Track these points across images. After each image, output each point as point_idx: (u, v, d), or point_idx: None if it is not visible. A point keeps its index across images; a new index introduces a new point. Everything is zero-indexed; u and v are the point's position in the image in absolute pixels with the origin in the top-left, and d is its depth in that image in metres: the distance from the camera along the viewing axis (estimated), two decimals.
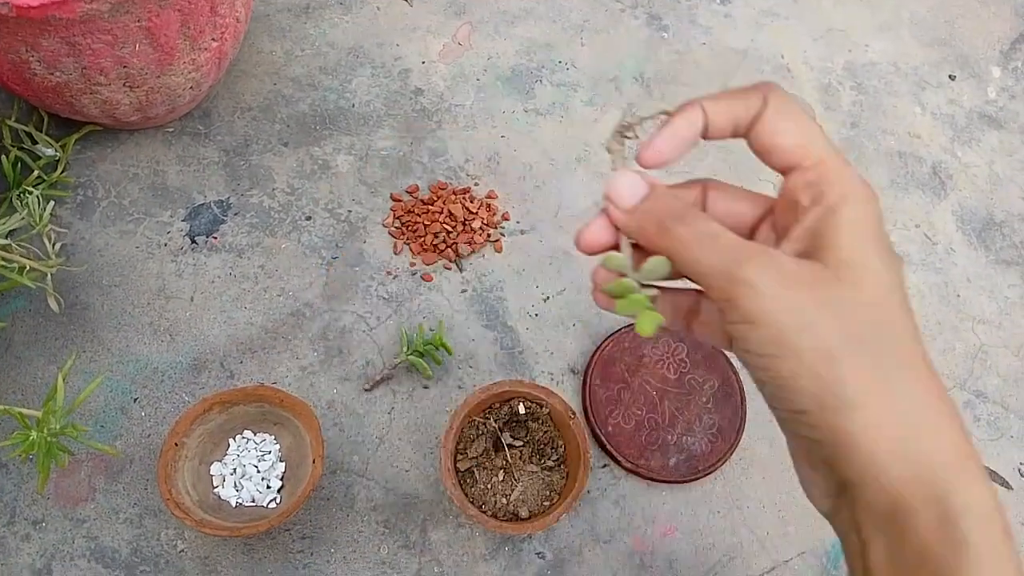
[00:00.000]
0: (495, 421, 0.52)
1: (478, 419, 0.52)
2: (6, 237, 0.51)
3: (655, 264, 0.31)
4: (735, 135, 0.33)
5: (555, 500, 0.51)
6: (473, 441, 0.52)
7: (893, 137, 0.75)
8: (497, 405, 0.53)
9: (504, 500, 0.50)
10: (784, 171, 0.32)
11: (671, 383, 0.59)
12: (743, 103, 0.32)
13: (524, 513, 0.50)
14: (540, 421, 0.53)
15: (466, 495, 0.50)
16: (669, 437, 0.57)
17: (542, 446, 0.53)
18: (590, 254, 0.35)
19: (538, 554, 0.53)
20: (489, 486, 0.51)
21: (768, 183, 0.71)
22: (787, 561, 0.55)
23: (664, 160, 0.34)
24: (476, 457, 0.52)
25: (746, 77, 0.77)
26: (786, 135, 0.32)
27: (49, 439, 0.43)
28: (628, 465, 0.56)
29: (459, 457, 0.51)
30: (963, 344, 0.65)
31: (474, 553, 0.53)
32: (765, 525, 0.56)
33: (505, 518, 0.50)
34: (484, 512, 0.49)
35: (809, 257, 0.30)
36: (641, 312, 0.32)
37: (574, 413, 0.51)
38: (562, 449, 0.53)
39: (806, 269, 0.29)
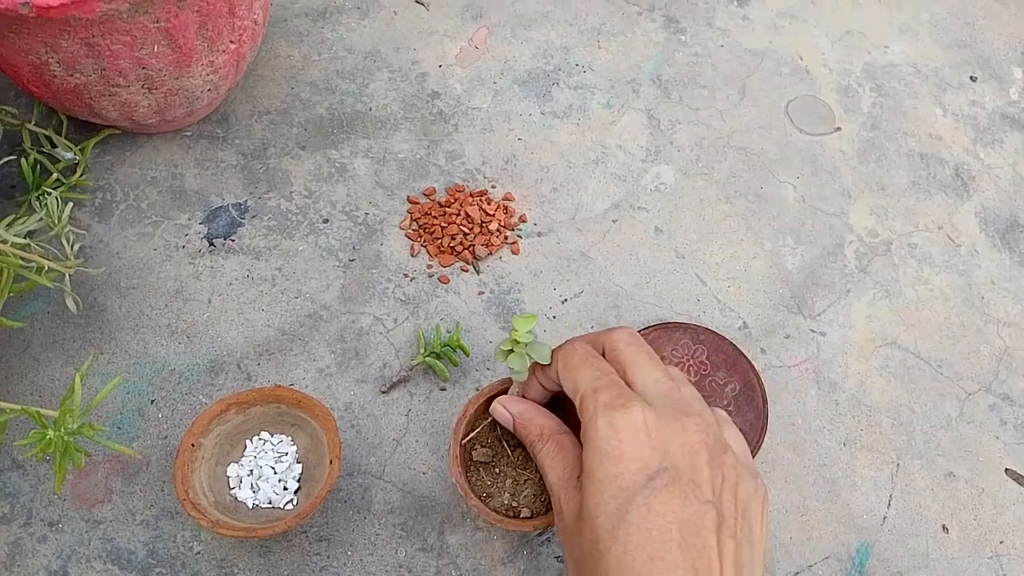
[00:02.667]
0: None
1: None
2: (25, 237, 0.51)
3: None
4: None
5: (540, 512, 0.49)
6: (489, 434, 0.51)
7: (914, 139, 0.75)
8: None
9: (508, 497, 0.49)
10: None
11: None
12: (548, 372, 0.45)
13: (526, 513, 0.49)
14: None
15: (470, 484, 0.49)
16: None
17: None
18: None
19: (557, 558, 0.52)
20: (496, 481, 0.50)
21: (787, 184, 0.70)
22: (811, 566, 0.54)
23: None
24: (488, 449, 0.51)
25: (764, 79, 0.76)
26: (566, 387, 0.43)
27: (66, 438, 0.43)
28: None
29: (474, 447, 0.50)
30: (988, 347, 0.64)
31: (492, 556, 0.52)
32: (788, 530, 0.55)
33: (508, 515, 0.49)
34: (487, 505, 0.48)
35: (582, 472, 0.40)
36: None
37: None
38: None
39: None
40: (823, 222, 0.68)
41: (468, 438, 0.50)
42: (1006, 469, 0.59)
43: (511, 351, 0.44)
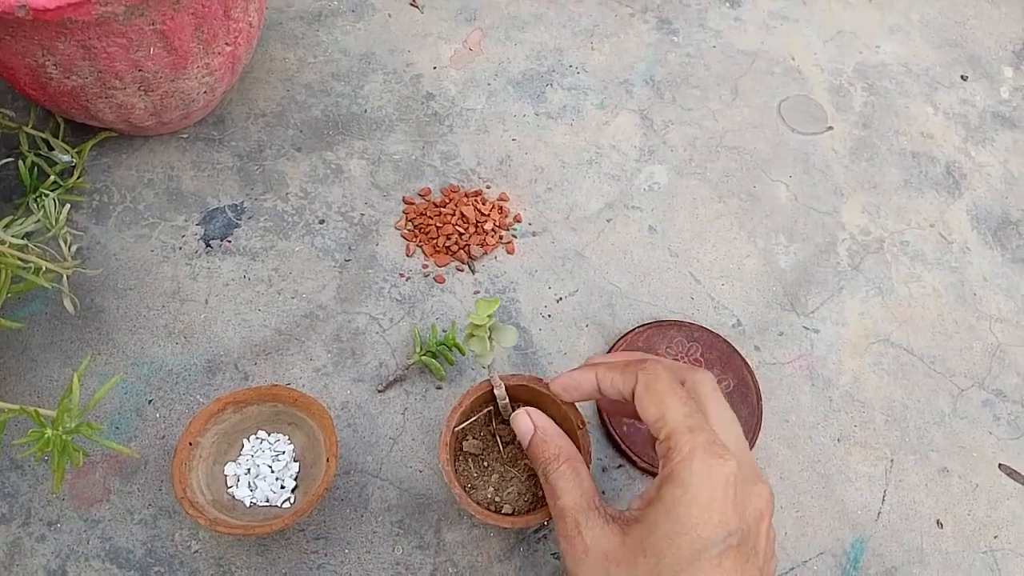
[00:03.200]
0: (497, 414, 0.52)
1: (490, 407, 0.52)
2: (23, 239, 0.51)
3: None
4: (625, 401, 0.43)
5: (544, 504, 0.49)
6: (483, 427, 0.51)
7: (906, 138, 0.75)
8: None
9: (492, 491, 0.49)
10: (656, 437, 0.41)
11: None
12: (621, 379, 0.43)
13: (507, 510, 0.49)
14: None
15: (457, 473, 0.49)
16: None
17: None
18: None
19: (553, 555, 0.53)
20: (482, 474, 0.50)
21: (780, 183, 0.71)
22: (806, 562, 0.54)
23: (564, 397, 0.47)
24: (479, 442, 0.51)
25: (756, 79, 0.77)
26: (647, 412, 0.41)
27: (64, 437, 0.43)
28: (644, 465, 0.56)
29: (466, 437, 0.51)
30: (981, 343, 0.64)
31: (489, 553, 0.52)
32: (783, 526, 0.55)
33: (489, 509, 0.49)
34: (470, 496, 0.48)
35: (652, 504, 0.39)
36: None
37: (583, 424, 0.50)
38: None
39: (612, 539, 0.40)
40: (816, 220, 0.69)
41: (461, 427, 0.50)
42: (999, 464, 0.59)
43: (473, 335, 0.44)
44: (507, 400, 0.49)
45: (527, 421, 0.46)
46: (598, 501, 0.42)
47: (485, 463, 0.50)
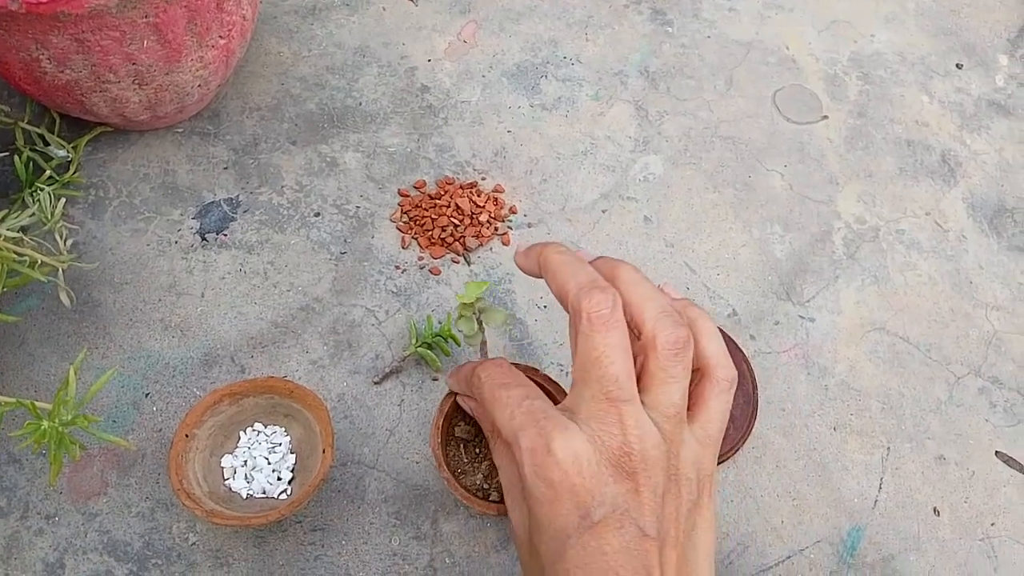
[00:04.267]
0: None
1: None
2: (18, 232, 0.51)
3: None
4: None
5: None
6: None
7: (901, 126, 0.75)
8: None
9: (482, 478, 0.49)
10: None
11: None
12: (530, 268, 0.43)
13: (495, 497, 0.49)
14: None
15: (447, 457, 0.49)
16: None
17: None
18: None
19: None
20: (472, 460, 0.50)
21: (775, 173, 0.71)
22: (803, 550, 0.54)
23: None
24: (472, 428, 0.51)
25: (751, 69, 0.77)
26: (552, 287, 0.40)
27: (60, 429, 0.43)
28: None
29: (458, 423, 0.51)
30: (977, 331, 0.64)
31: (486, 544, 0.52)
32: (780, 514, 0.55)
33: (477, 495, 0.49)
34: (459, 481, 0.48)
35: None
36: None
37: None
38: None
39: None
40: (811, 209, 0.69)
41: (455, 412, 0.50)
42: (996, 452, 0.59)
43: (462, 315, 0.44)
44: None
45: (453, 384, 0.45)
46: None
47: (476, 450, 0.50)
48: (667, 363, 0.36)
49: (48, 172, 0.60)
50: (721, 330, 0.60)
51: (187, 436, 0.50)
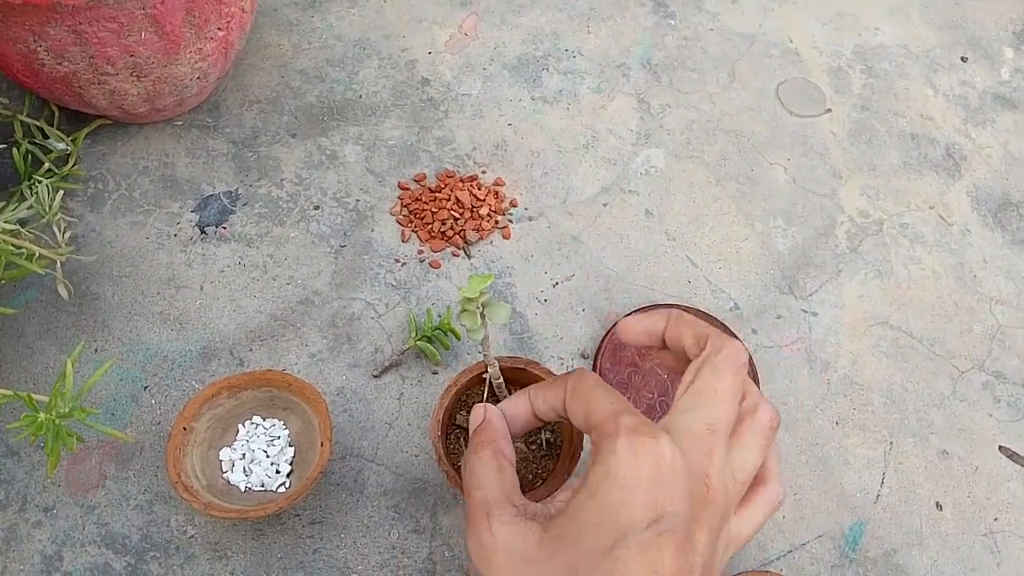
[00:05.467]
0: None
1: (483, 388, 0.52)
2: (16, 225, 0.51)
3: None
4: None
5: (537, 485, 0.49)
6: (477, 402, 0.51)
7: (905, 119, 0.74)
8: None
9: None
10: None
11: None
12: (551, 393, 0.40)
13: None
14: None
15: (447, 450, 0.49)
16: None
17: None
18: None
19: None
20: None
21: (778, 166, 0.70)
22: (804, 544, 0.54)
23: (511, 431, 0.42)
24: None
25: (754, 62, 0.76)
26: (575, 415, 0.38)
27: (57, 421, 0.43)
28: None
29: (459, 411, 0.50)
30: (981, 325, 0.64)
31: None
32: (782, 509, 0.55)
33: None
34: (458, 474, 0.48)
35: (576, 493, 0.35)
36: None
37: None
38: (560, 438, 0.51)
39: (527, 537, 0.35)
40: (814, 203, 0.68)
41: (456, 402, 0.50)
42: (1000, 446, 0.59)
43: (465, 309, 0.43)
44: (501, 379, 0.49)
45: (479, 412, 0.42)
46: (517, 499, 0.37)
47: None
48: (760, 432, 0.37)
49: (47, 165, 0.60)
50: (723, 325, 0.60)
51: (185, 429, 0.49)
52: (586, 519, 0.34)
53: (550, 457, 0.51)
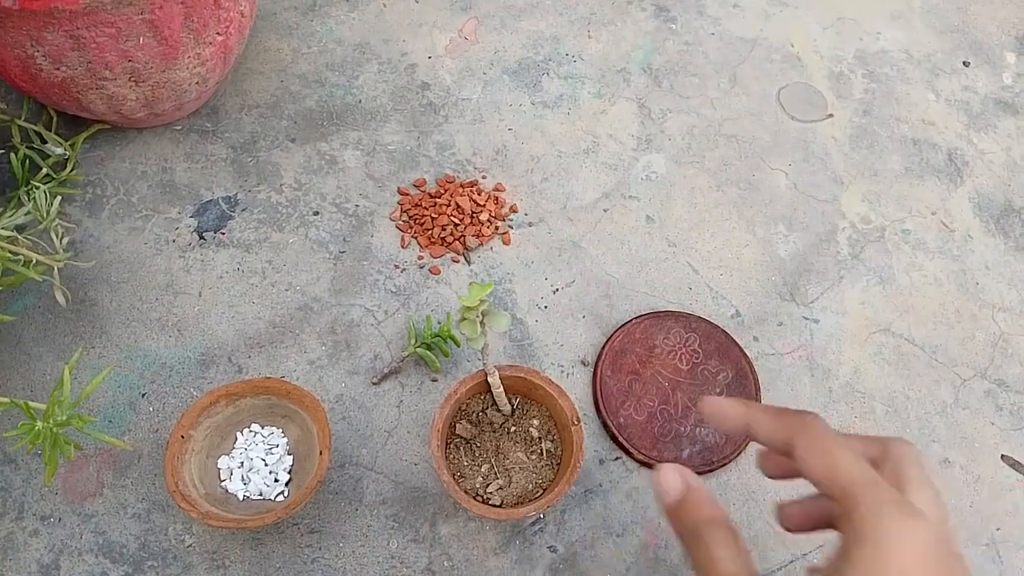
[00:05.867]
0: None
1: (484, 396, 0.51)
2: (13, 231, 0.51)
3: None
4: (783, 454, 0.36)
5: (537, 495, 0.49)
6: (479, 413, 0.51)
7: (907, 124, 0.74)
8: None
9: (480, 481, 0.49)
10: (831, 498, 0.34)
11: (683, 374, 0.58)
12: (775, 424, 0.36)
13: (495, 501, 0.48)
14: (543, 418, 0.52)
15: (448, 460, 0.48)
16: (682, 428, 0.56)
17: (534, 436, 0.51)
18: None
19: (549, 548, 0.52)
20: (473, 463, 0.50)
21: (779, 172, 0.70)
22: (806, 554, 0.54)
23: (709, 421, 0.38)
24: (473, 428, 0.50)
25: (755, 67, 0.76)
26: (811, 465, 0.34)
27: (54, 429, 0.43)
28: (640, 457, 0.55)
29: (459, 420, 0.50)
30: (983, 333, 0.63)
31: (484, 547, 0.52)
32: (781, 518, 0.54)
33: (475, 499, 0.48)
34: (459, 485, 0.48)
35: (839, 569, 0.31)
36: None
37: (578, 420, 0.49)
38: (559, 448, 0.51)
39: None
40: (815, 209, 0.68)
41: (457, 410, 0.49)
42: (1002, 455, 0.58)
43: (465, 318, 0.43)
44: (501, 388, 0.49)
45: (674, 478, 0.37)
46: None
47: (477, 452, 0.50)
48: None
49: (45, 170, 0.60)
50: (724, 332, 0.60)
51: (183, 437, 0.49)
52: None
53: (550, 467, 0.50)
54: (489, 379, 0.48)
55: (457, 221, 0.62)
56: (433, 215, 0.63)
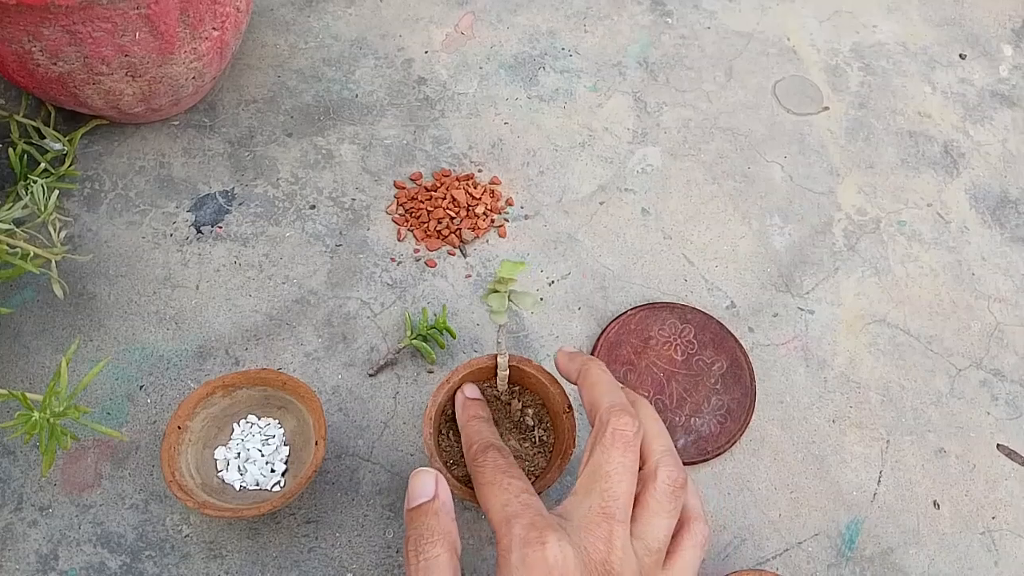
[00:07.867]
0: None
1: (481, 385, 0.51)
2: (11, 224, 0.51)
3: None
4: (574, 383, 0.45)
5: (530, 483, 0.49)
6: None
7: (903, 117, 0.74)
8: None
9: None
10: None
11: (678, 364, 0.59)
12: (569, 371, 0.46)
13: None
14: (535, 406, 0.52)
15: (440, 448, 0.49)
16: (677, 419, 0.57)
17: (528, 424, 0.51)
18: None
19: None
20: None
21: (775, 164, 0.70)
22: (800, 543, 0.54)
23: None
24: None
25: (751, 60, 0.76)
26: (583, 399, 0.44)
27: (51, 420, 0.43)
28: None
29: (452, 407, 0.50)
30: (979, 323, 0.64)
31: (480, 536, 0.52)
32: (777, 507, 0.55)
33: (468, 486, 0.49)
34: (451, 472, 0.48)
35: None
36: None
37: (570, 408, 0.49)
38: (552, 436, 0.51)
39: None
40: (811, 201, 0.68)
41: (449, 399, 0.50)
42: (997, 444, 0.59)
43: (495, 290, 0.43)
44: (507, 372, 0.49)
45: (428, 482, 0.41)
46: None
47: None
48: (663, 498, 0.39)
49: (43, 165, 0.60)
50: (719, 323, 0.60)
51: (179, 428, 0.49)
52: None
53: (542, 455, 0.51)
54: (499, 359, 0.48)
55: (453, 214, 0.63)
56: (429, 208, 0.63)
